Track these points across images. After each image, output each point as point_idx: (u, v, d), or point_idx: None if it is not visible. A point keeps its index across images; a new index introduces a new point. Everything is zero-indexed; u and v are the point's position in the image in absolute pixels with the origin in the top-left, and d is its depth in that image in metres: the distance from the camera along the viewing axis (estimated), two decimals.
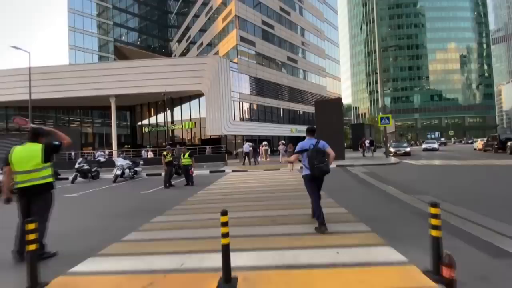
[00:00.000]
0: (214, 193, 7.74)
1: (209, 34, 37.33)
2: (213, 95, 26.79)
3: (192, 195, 7.48)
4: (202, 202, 6.39)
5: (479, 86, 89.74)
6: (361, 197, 6.27)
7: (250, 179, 10.51)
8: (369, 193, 6.67)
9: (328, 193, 6.57)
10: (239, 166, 16.23)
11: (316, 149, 3.76)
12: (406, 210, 4.82)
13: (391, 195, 6.14)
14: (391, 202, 5.50)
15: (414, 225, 3.93)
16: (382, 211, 4.81)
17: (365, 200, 5.92)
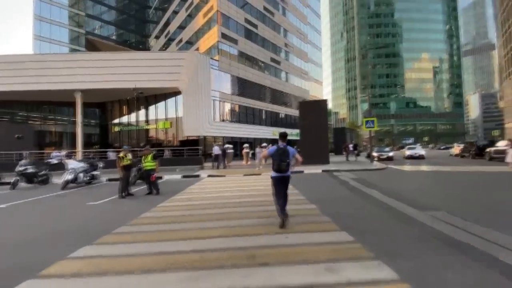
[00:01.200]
0: (178, 206, 6.21)
1: (189, 30, 35.50)
2: (192, 93, 25.04)
3: (149, 209, 5.91)
4: (158, 221, 4.85)
5: (450, 95, 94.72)
6: (361, 212, 5.06)
7: (227, 186, 9.06)
8: (370, 207, 5.49)
9: (321, 205, 5.30)
10: (217, 170, 14.71)
11: (281, 149, 4.24)
12: (428, 234, 3.64)
13: (398, 211, 4.98)
14: (404, 222, 4.32)
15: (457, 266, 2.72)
16: (399, 238, 3.59)
17: (368, 218, 4.71)
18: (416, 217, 4.49)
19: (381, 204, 5.56)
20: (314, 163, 16.50)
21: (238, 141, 29.71)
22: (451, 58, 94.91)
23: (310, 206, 5.55)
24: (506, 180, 9.17)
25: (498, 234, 3.50)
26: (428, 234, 3.64)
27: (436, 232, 3.72)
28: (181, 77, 25.04)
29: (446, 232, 3.69)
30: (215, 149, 16.27)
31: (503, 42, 32.78)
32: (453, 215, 4.53)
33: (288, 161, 4.25)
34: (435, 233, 3.66)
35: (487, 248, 3.03)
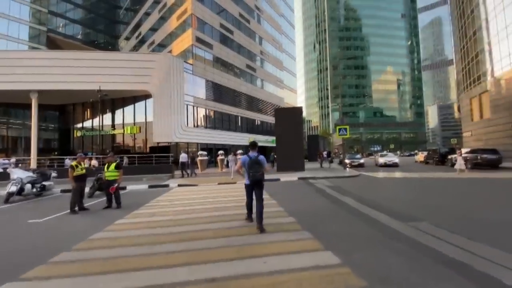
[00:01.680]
0: (139, 223, 5.39)
1: (161, 33, 34.20)
2: (163, 97, 23.82)
3: (104, 227, 5.04)
4: (110, 245, 4.05)
5: (412, 106, 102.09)
6: (343, 226, 4.69)
7: (198, 197, 8.32)
8: (351, 219, 5.16)
9: (300, 218, 4.85)
10: (188, 179, 13.79)
11: (254, 160, 4.43)
12: (418, 251, 3.33)
13: (382, 224, 4.68)
14: (390, 237, 4.00)
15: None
16: (390, 259, 3.21)
17: (352, 233, 4.33)
18: (401, 230, 4.21)
19: (361, 215, 5.26)
20: (290, 170, 16.27)
21: (213, 147, 28.82)
22: (412, 72, 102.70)
23: (289, 219, 5.09)
24: (473, 186, 9.54)
25: (494, 250, 3.28)
26: (418, 251, 3.32)
27: (425, 248, 3.42)
28: (151, 80, 23.77)
29: (436, 247, 3.41)
30: (182, 156, 15.35)
31: (461, 58, 35.97)
32: (437, 226, 4.33)
33: (262, 170, 4.48)
34: (424, 250, 3.36)
35: (487, 268, 2.76)
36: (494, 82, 25.73)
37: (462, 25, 34.53)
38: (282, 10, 49.38)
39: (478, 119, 29.41)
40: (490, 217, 5.01)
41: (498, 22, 24.61)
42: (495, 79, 25.60)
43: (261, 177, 4.48)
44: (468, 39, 32.24)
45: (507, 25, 23.15)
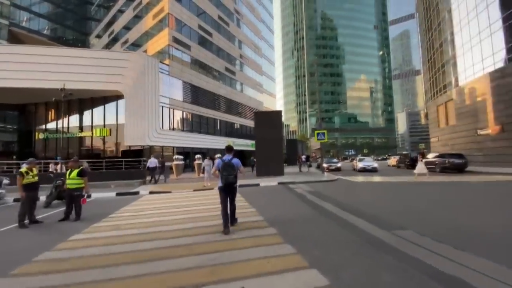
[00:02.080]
0: (98, 239, 4.69)
1: (136, 31, 32.73)
2: (136, 98, 22.58)
3: (55, 245, 4.29)
4: (57, 269, 3.37)
5: (383, 112, 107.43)
6: (327, 236, 4.37)
7: (171, 206, 7.65)
8: (335, 228, 4.87)
9: (282, 228, 4.45)
10: (160, 186, 12.93)
11: (227, 163, 4.58)
12: (407, 264, 3.07)
13: (367, 233, 4.43)
14: (376, 247, 3.73)
15: None
16: (384, 276, 2.92)
17: (338, 245, 4.01)
18: (388, 240, 3.97)
19: (345, 224, 5.00)
20: (270, 175, 15.98)
21: (190, 151, 27.84)
22: (384, 80, 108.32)
23: (269, 230, 4.68)
24: (447, 190, 9.81)
25: (487, 262, 3.11)
26: (410, 266, 3.06)
27: (416, 262, 3.18)
28: (124, 80, 22.48)
29: (426, 260, 3.18)
30: (151, 161, 14.39)
31: (428, 68, 38.33)
32: (421, 235, 4.16)
33: (235, 173, 4.65)
34: (416, 264, 3.11)
35: (485, 285, 2.54)
36: (458, 91, 27.58)
37: (429, 37, 36.90)
38: (262, 16, 49.71)
39: (444, 125, 31.33)
40: (471, 223, 4.97)
41: (463, 35, 26.50)
42: (459, 88, 27.45)
43: (234, 180, 4.65)
44: (435, 50, 34.47)
45: (472, 38, 24.97)
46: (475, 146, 24.60)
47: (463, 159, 18.95)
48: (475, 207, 6.51)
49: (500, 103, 21.32)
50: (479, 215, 5.60)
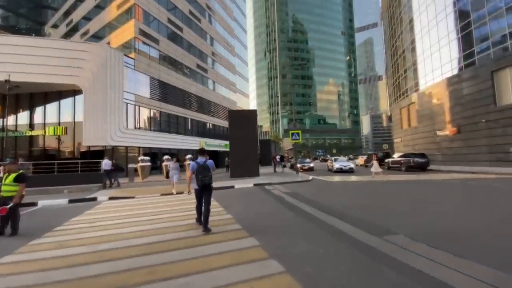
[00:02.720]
0: (30, 263, 3.67)
1: (97, 22, 30.03)
2: (97, 93, 20.52)
3: None
4: None
5: (350, 115, 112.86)
6: (316, 247, 3.87)
7: (132, 215, 6.66)
8: (322, 236, 4.40)
9: (264, 239, 3.84)
10: (122, 191, 11.60)
11: (202, 165, 4.74)
12: (406, 277, 2.66)
13: (358, 240, 4.02)
14: (371, 256, 3.31)
15: None
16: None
17: (329, 257, 3.52)
18: (383, 249, 3.57)
19: (333, 231, 4.56)
20: (244, 176, 15.36)
21: (159, 152, 26.16)
22: (350, 84, 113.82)
23: (250, 241, 4.06)
24: (427, 188, 10.01)
25: (491, 271, 2.80)
26: (413, 280, 2.65)
27: (417, 273, 2.79)
28: (82, 73, 20.33)
29: (428, 271, 2.81)
30: (105, 163, 12.95)
31: (391, 73, 40.67)
32: (413, 239, 3.85)
33: (210, 175, 4.77)
34: (413, 274, 2.71)
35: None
36: (419, 95, 29.52)
37: (393, 44, 39.21)
38: (235, 14, 48.96)
39: (407, 127, 33.40)
40: (455, 223, 4.83)
41: (423, 43, 28.41)
42: (420, 92, 29.39)
43: (209, 182, 4.78)
44: (399, 56, 36.68)
45: (432, 45, 26.85)
46: (435, 146, 26.45)
47: (426, 158, 20.14)
48: (457, 206, 6.54)
49: (457, 107, 23.11)
50: (466, 216, 5.54)
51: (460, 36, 22.89)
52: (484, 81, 20.33)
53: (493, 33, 19.92)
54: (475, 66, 21.33)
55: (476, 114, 21.08)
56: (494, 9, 19.78)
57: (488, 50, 20.29)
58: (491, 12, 19.94)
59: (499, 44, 19.41)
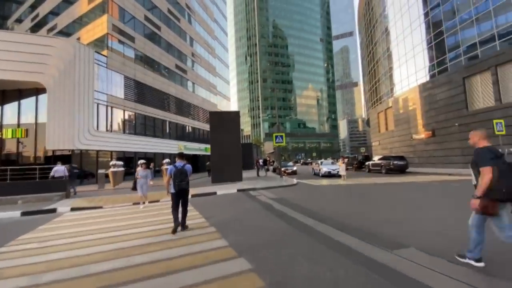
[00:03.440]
0: None
1: (66, 17, 27.88)
2: (63, 92, 18.75)
3: None
4: None
5: (328, 119, 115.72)
6: (318, 268, 3.24)
7: (96, 231, 5.65)
8: (321, 251, 3.79)
9: (257, 259, 3.12)
10: (87, 200, 10.32)
11: (180, 170, 4.85)
12: None
13: (365, 256, 3.45)
14: (390, 280, 2.73)
15: None
16: None
17: (339, 282, 2.90)
18: (398, 267, 3.02)
19: (334, 244, 3.97)
20: (227, 180, 14.55)
21: (134, 156, 24.52)
22: (328, 90, 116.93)
23: (240, 263, 3.33)
24: (415, 191, 9.83)
25: None
26: None
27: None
28: (47, 70, 18.52)
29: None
30: (57, 170, 11.45)
31: (368, 79, 41.95)
32: (428, 254, 3.36)
33: (187, 179, 4.92)
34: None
35: None
36: (396, 100, 30.51)
37: (370, 50, 40.52)
38: (215, 15, 48.18)
39: (384, 130, 34.40)
40: (461, 232, 4.45)
41: (399, 50, 29.47)
42: (396, 97, 30.39)
43: (186, 186, 4.93)
44: (375, 62, 37.90)
45: (406, 52, 27.89)
46: (411, 149, 27.31)
47: (405, 161, 20.56)
48: (453, 211, 6.26)
49: (432, 111, 24.02)
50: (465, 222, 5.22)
51: (433, 44, 23.94)
52: (456, 87, 21.28)
53: (463, 42, 20.96)
54: (447, 73, 22.31)
55: (449, 118, 21.98)
56: (464, 20, 20.85)
57: (459, 57, 21.31)
58: (462, 22, 21.01)
59: (469, 52, 20.43)
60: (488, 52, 18.74)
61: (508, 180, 2.62)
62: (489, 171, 2.66)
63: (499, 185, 2.61)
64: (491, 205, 2.65)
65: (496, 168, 2.65)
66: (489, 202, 2.66)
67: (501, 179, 2.62)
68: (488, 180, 2.64)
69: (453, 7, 21.90)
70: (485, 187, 2.66)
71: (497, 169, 2.65)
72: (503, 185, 2.60)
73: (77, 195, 12.02)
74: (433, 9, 24.11)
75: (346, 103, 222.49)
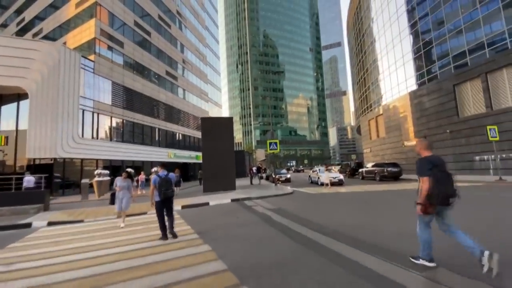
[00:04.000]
0: None
1: (53, 21, 27.02)
2: (46, 98, 17.82)
3: None
4: None
5: (318, 127, 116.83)
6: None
7: (71, 250, 4.93)
8: (334, 271, 3.26)
9: (256, 286, 2.56)
10: (67, 213, 9.46)
11: (165, 179, 5.07)
12: None
13: (394, 282, 2.95)
14: None
15: None
16: None
17: None
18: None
19: (354, 268, 3.46)
20: (219, 189, 13.90)
21: (121, 165, 23.49)
22: (318, 98, 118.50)
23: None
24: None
25: None
26: None
27: None
28: (30, 74, 17.63)
29: None
30: (27, 180, 10.73)
31: (358, 87, 42.50)
32: (464, 276, 2.90)
33: (173, 188, 5.20)
34: None
35: None
36: (386, 108, 30.83)
37: (360, 59, 41.21)
38: (207, 23, 48.16)
39: (376, 137, 34.60)
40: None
41: (389, 59, 29.98)
42: (387, 104, 30.71)
43: (172, 194, 5.13)
44: (365, 71, 38.49)
45: (396, 61, 28.35)
46: (402, 156, 27.41)
47: (399, 167, 20.44)
48: (467, 220, 5.87)
49: (423, 118, 24.26)
50: (491, 233, 4.82)
51: (423, 52, 24.41)
52: (447, 94, 21.59)
53: (453, 50, 21.42)
54: (437, 80, 22.67)
55: (440, 125, 22.20)
56: (453, 28, 21.36)
57: (449, 65, 21.72)
58: (451, 31, 21.51)
59: (459, 60, 20.84)
60: (478, 59, 19.14)
61: (442, 187, 3.00)
62: (426, 180, 3.07)
63: (435, 191, 3.00)
64: (430, 208, 3.07)
65: (433, 177, 3.03)
66: (428, 205, 3.07)
67: (436, 186, 3.00)
68: (426, 188, 3.05)
69: (442, 17, 22.45)
70: (425, 194, 3.06)
71: (434, 177, 3.03)
72: (438, 191, 2.99)
73: (57, 207, 11.08)
74: (422, 19, 24.70)
75: (335, 111, 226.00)
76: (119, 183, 7.15)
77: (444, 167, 3.14)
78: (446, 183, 3.01)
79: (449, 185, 3.02)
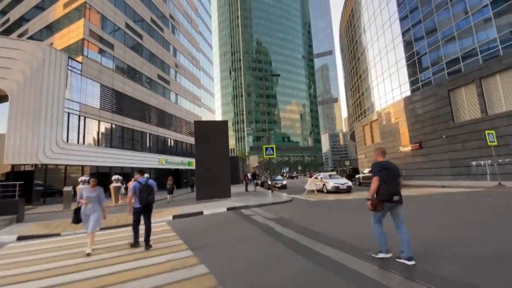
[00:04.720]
0: None
1: (39, 21, 26.01)
2: (28, 100, 16.76)
3: None
4: None
5: (311, 133, 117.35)
6: None
7: (37, 275, 4.11)
8: None
9: None
10: (41, 226, 8.48)
11: (145, 185, 4.97)
12: None
13: None
14: None
15: None
16: None
17: None
18: None
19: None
20: (213, 197, 13.10)
21: (109, 171, 22.37)
22: (311, 105, 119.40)
23: None
24: (425, 206, 8.94)
25: None
26: None
27: None
28: (10, 75, 16.58)
29: None
30: None
31: (351, 94, 42.65)
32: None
33: (153, 194, 5.07)
34: None
35: None
36: (381, 113, 30.80)
37: (353, 66, 41.46)
38: (200, 28, 47.80)
39: (370, 143, 34.48)
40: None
41: (382, 65, 30.12)
42: (382, 110, 30.70)
43: (153, 200, 5.07)
44: (359, 77, 38.67)
45: (390, 67, 28.47)
46: (398, 161, 27.20)
47: None
48: (486, 227, 5.33)
49: (418, 123, 24.19)
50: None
51: (416, 58, 24.54)
52: (441, 99, 21.58)
53: (446, 56, 21.53)
54: (432, 86, 22.71)
55: (436, 130, 22.12)
56: (446, 35, 21.53)
57: (442, 71, 21.79)
58: (444, 38, 21.68)
59: (452, 66, 20.93)
60: (471, 65, 19.22)
61: (387, 186, 3.49)
62: (375, 180, 3.55)
63: (381, 190, 3.50)
64: (379, 204, 3.51)
65: (381, 177, 3.51)
66: (376, 202, 3.51)
67: (383, 185, 3.50)
68: (375, 187, 3.54)
69: (435, 24, 22.65)
70: (373, 191, 3.56)
71: (381, 178, 3.51)
72: (384, 190, 3.49)
73: (33, 217, 10.06)
74: (415, 26, 24.91)
75: (327, 118, 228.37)
76: (86, 193, 5.14)
77: (394, 170, 3.59)
78: (392, 183, 3.50)
79: (393, 185, 3.50)
